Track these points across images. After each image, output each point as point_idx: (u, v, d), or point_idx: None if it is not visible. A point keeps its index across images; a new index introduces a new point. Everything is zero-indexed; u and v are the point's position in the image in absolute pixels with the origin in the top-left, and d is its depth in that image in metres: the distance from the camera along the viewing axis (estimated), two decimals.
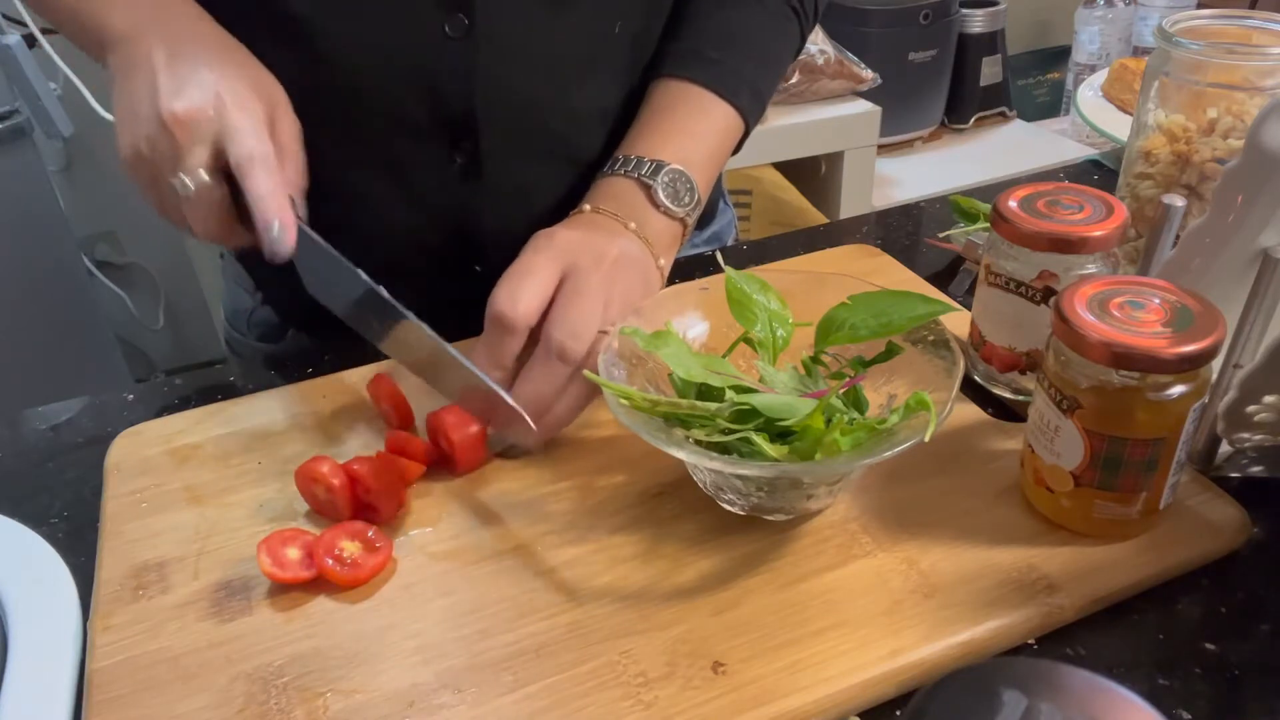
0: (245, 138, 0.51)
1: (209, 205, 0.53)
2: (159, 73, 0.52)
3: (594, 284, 0.53)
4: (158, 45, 0.53)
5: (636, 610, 0.44)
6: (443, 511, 0.51)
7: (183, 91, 0.51)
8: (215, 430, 0.57)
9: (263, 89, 0.54)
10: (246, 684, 0.42)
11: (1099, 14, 1.96)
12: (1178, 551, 0.46)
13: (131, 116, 0.52)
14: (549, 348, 0.51)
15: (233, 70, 0.53)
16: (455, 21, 0.59)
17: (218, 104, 0.51)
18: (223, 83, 0.52)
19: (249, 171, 0.51)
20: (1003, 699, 0.28)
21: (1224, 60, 0.56)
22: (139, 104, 0.52)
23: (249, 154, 0.51)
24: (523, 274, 0.53)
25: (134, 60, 0.53)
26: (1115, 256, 0.52)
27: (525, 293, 0.52)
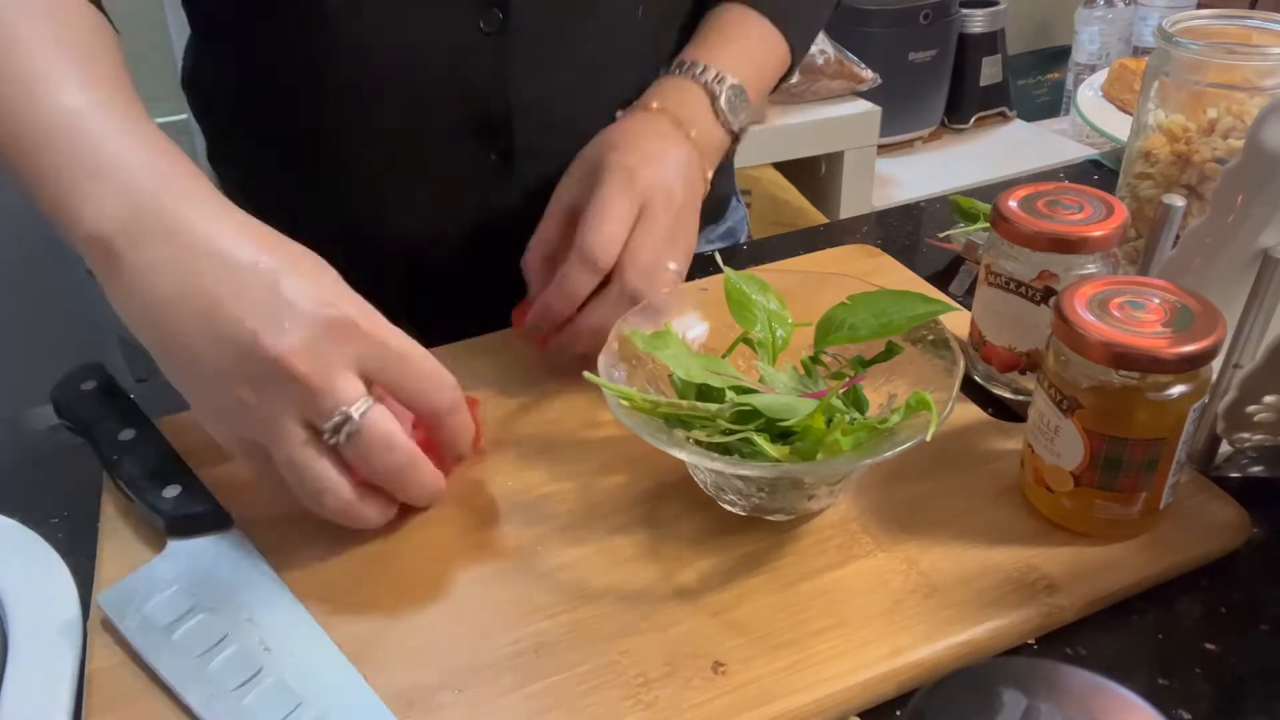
0: (392, 338, 0.43)
1: (394, 439, 0.43)
2: (228, 303, 0.41)
3: (666, 228, 0.55)
4: (186, 254, 0.41)
5: (636, 610, 0.44)
6: (442, 511, 0.51)
7: (282, 319, 0.40)
8: None
9: (339, 279, 0.45)
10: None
11: (1099, 14, 1.96)
12: (1178, 551, 0.46)
13: (213, 370, 0.41)
14: (623, 288, 0.54)
15: (309, 268, 0.43)
16: (490, 17, 0.59)
17: (338, 319, 0.41)
18: (318, 288, 0.42)
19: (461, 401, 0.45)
20: (1003, 699, 0.28)
21: (1224, 60, 0.56)
22: (214, 351, 0.41)
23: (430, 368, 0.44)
24: (608, 215, 0.54)
25: (161, 284, 0.41)
26: (1115, 256, 0.52)
27: (615, 237, 0.54)
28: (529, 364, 0.61)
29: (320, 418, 0.41)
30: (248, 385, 0.41)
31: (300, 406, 0.41)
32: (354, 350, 0.42)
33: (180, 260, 0.41)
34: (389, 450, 0.43)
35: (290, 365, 0.40)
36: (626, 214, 0.54)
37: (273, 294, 0.41)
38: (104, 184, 0.42)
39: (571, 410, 0.57)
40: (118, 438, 0.52)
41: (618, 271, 0.54)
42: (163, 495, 0.49)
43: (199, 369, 0.42)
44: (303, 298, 0.41)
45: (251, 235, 0.43)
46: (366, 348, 0.42)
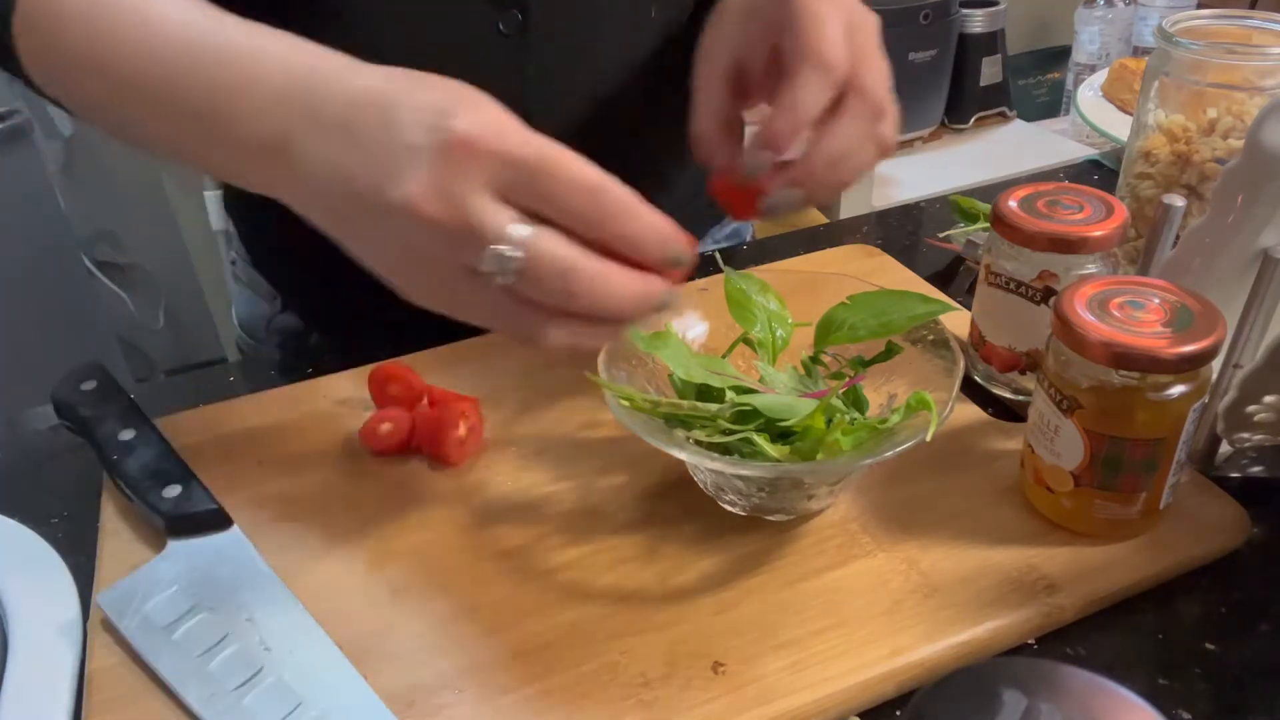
0: (518, 146, 0.37)
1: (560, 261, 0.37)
2: (352, 169, 0.37)
3: (877, 49, 0.49)
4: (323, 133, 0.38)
5: (637, 610, 0.44)
6: (442, 511, 0.51)
7: (398, 166, 0.37)
8: (215, 430, 0.57)
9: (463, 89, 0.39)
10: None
11: (1099, 14, 1.96)
12: (1178, 551, 0.46)
13: (369, 244, 0.39)
14: (864, 96, 0.46)
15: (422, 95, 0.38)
16: (509, 18, 0.59)
17: (452, 144, 0.36)
18: (429, 115, 0.37)
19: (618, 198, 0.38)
20: (1003, 699, 0.28)
21: (1224, 60, 0.56)
22: (362, 222, 0.39)
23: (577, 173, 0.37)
24: (827, 21, 0.46)
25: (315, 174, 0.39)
26: (1115, 256, 0.52)
27: (841, 41, 0.46)
28: (529, 364, 0.61)
29: (474, 260, 0.37)
30: (400, 245, 0.38)
31: (453, 250, 0.37)
32: (482, 174, 0.36)
33: (321, 141, 0.38)
34: (563, 276, 0.37)
35: (418, 211, 0.36)
36: (840, 25, 0.46)
37: (389, 136, 0.37)
38: (250, 95, 0.40)
39: (571, 410, 0.57)
40: (118, 438, 0.52)
41: (853, 82, 0.46)
42: (163, 495, 0.49)
43: (371, 246, 0.40)
44: (412, 128, 0.37)
45: (369, 79, 0.39)
46: (493, 168, 0.36)
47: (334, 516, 0.51)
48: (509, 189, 0.37)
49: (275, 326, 0.78)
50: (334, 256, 0.57)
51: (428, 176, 0.36)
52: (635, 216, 0.38)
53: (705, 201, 0.81)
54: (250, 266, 0.77)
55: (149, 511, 0.49)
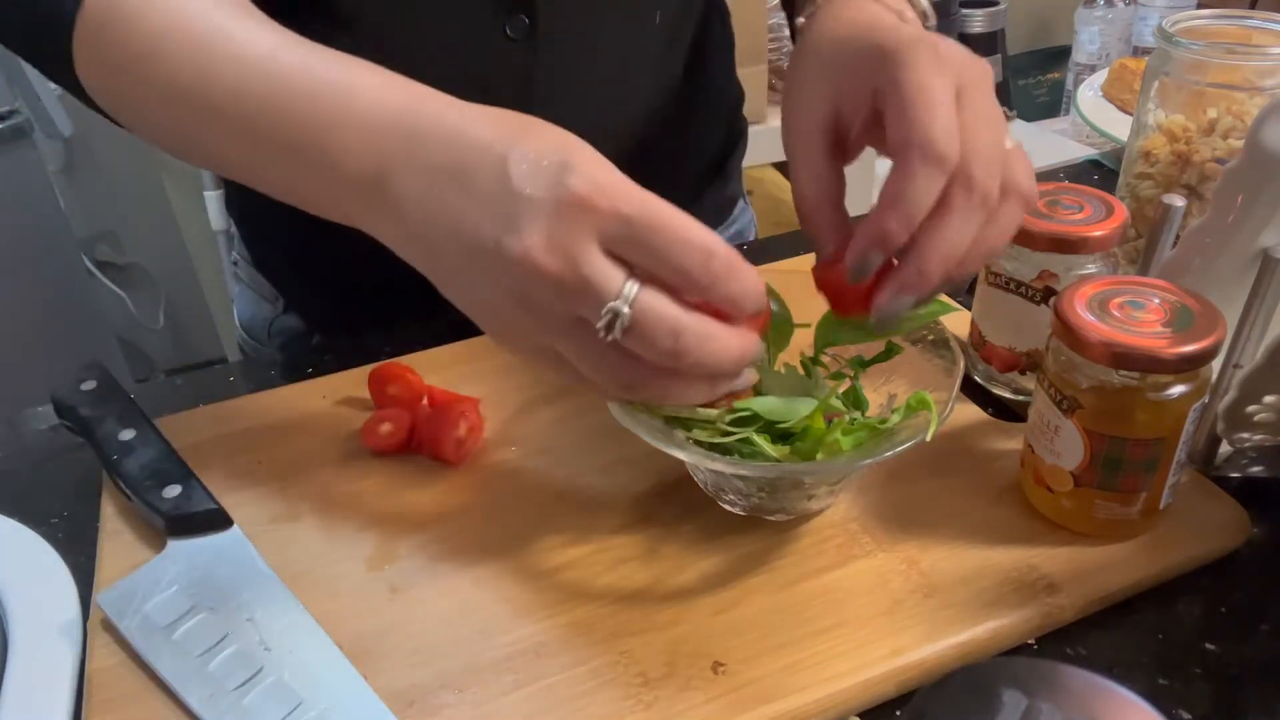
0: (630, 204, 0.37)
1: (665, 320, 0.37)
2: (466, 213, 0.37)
3: (991, 104, 0.43)
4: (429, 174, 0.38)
5: (636, 610, 0.44)
6: (442, 511, 0.51)
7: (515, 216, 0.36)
8: (215, 430, 0.57)
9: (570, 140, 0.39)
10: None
11: (1099, 14, 1.96)
12: (1178, 551, 0.46)
13: (476, 289, 0.39)
14: (971, 189, 0.41)
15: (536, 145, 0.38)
16: (517, 23, 0.59)
17: (568, 199, 0.36)
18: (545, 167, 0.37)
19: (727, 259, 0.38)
20: (1003, 699, 0.28)
21: (1224, 60, 0.56)
22: (469, 268, 0.38)
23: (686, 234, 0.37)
24: (936, 101, 0.41)
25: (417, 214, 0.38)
26: (1115, 256, 0.52)
27: (953, 125, 0.41)
28: (529, 364, 0.61)
29: (587, 313, 0.37)
30: (511, 295, 0.38)
31: (567, 304, 0.37)
32: (595, 230, 0.36)
33: (425, 182, 0.39)
34: (673, 336, 0.37)
35: (537, 265, 0.36)
36: (950, 98, 0.42)
37: (502, 187, 0.37)
38: (345, 129, 0.40)
39: (572, 410, 0.57)
40: (118, 438, 0.52)
41: (960, 170, 0.41)
42: (163, 495, 0.49)
43: (471, 289, 0.39)
44: (530, 182, 0.37)
45: (477, 124, 0.39)
46: (607, 224, 0.36)
47: (334, 516, 0.51)
48: (619, 244, 0.37)
49: (277, 328, 0.78)
50: (336, 258, 0.57)
51: (545, 230, 0.36)
52: (741, 277, 0.38)
53: (706, 203, 0.81)
54: (252, 267, 0.77)
55: (149, 511, 0.49)
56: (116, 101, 0.45)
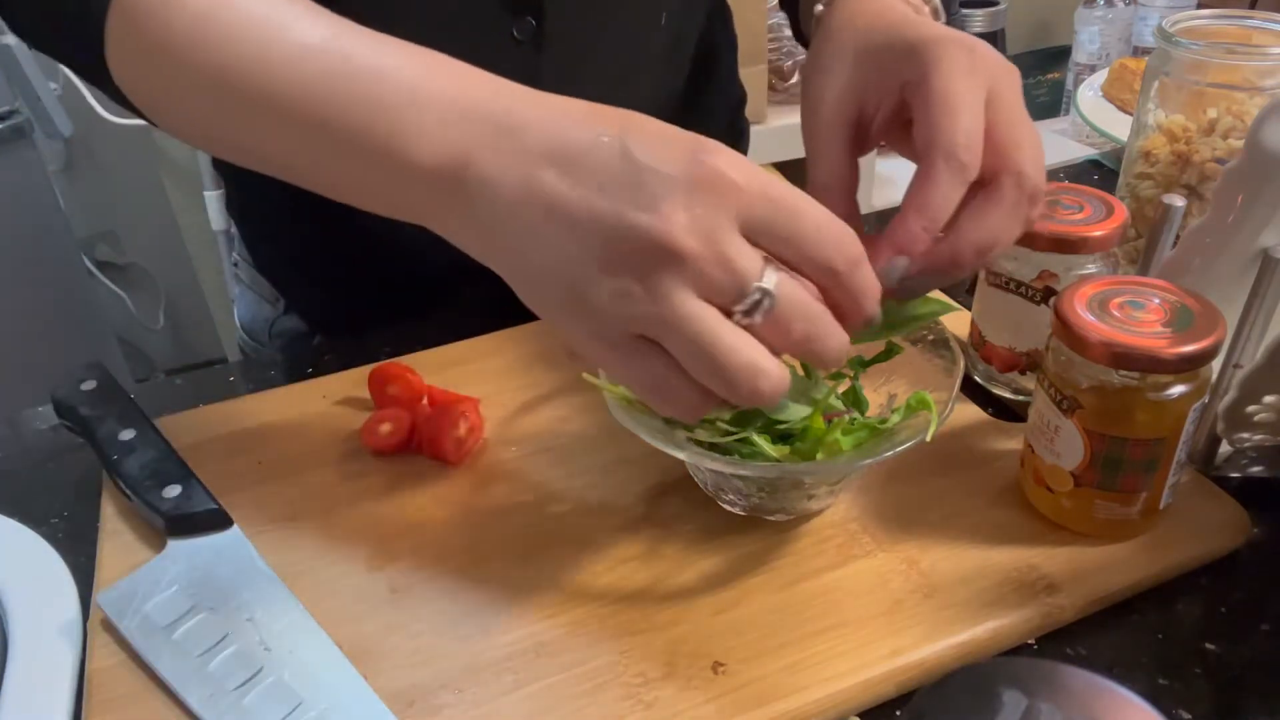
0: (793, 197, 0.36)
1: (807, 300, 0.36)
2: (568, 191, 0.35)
3: (1021, 107, 0.44)
4: (524, 159, 0.36)
5: (636, 610, 0.44)
6: (442, 511, 0.51)
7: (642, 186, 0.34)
8: (215, 430, 0.57)
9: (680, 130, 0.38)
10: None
11: (1099, 14, 1.96)
12: (1178, 551, 0.46)
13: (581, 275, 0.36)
14: (1023, 184, 0.42)
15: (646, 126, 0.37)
16: (524, 25, 0.59)
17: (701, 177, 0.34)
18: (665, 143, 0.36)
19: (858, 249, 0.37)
20: (1003, 699, 0.28)
21: (1224, 60, 0.56)
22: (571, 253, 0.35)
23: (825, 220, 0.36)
24: (963, 105, 0.42)
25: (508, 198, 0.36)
26: (1115, 256, 0.52)
27: (978, 130, 0.42)
28: (529, 364, 0.61)
29: (725, 298, 0.35)
30: (628, 273, 0.35)
31: (699, 286, 0.35)
32: (736, 211, 0.35)
33: (517, 164, 0.36)
34: (810, 320, 0.36)
35: (676, 244, 0.34)
36: (978, 102, 0.42)
37: (624, 163, 0.35)
38: (421, 110, 0.37)
39: (572, 410, 0.57)
40: (118, 438, 0.52)
41: (1009, 166, 0.42)
42: (163, 495, 0.49)
43: (560, 274, 0.36)
44: (663, 159, 0.35)
45: (578, 111, 0.37)
46: (751, 205, 0.35)
47: (334, 516, 0.51)
48: (754, 228, 0.35)
49: (278, 329, 0.78)
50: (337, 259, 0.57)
51: (684, 205, 0.34)
52: (866, 273, 0.38)
53: None
54: (253, 269, 0.77)
55: (149, 511, 0.49)
56: (152, 93, 0.43)
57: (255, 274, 0.77)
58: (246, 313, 0.80)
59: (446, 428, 0.53)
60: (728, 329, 0.35)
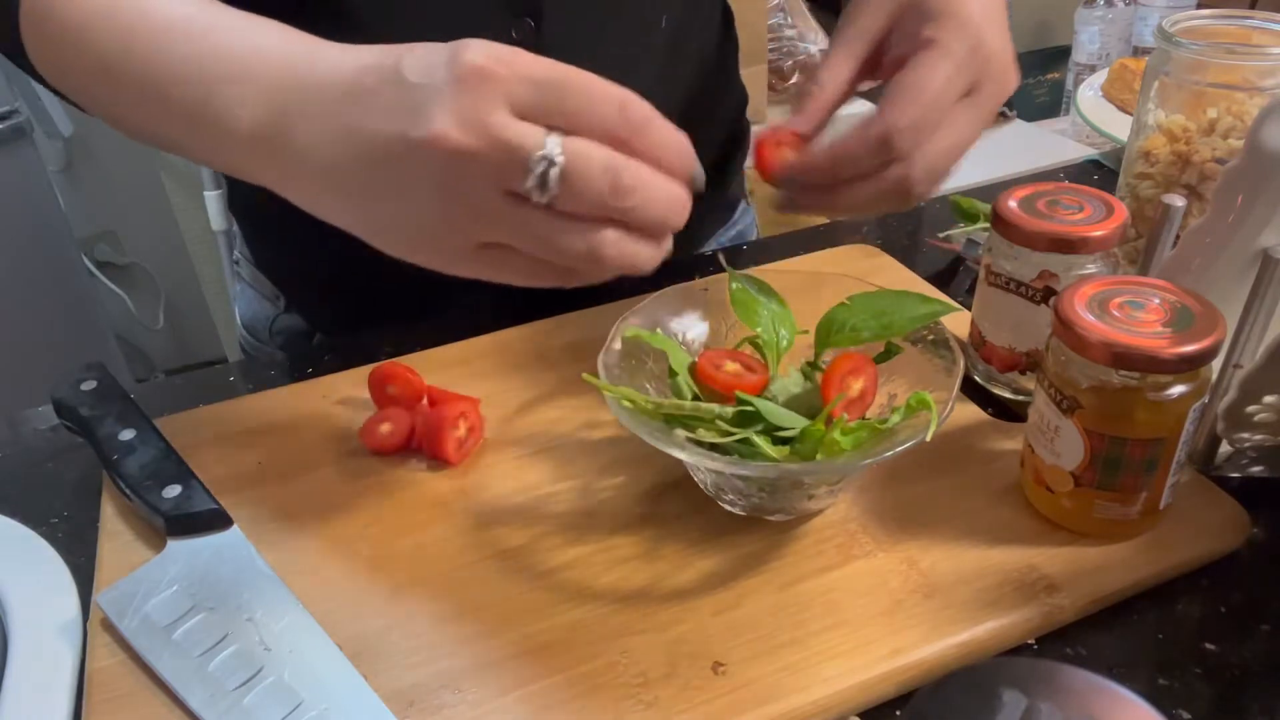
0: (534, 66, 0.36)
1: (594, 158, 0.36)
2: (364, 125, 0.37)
3: (983, 121, 0.46)
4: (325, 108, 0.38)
5: (636, 610, 0.44)
6: (442, 511, 0.51)
7: (419, 107, 0.36)
8: (215, 430, 0.57)
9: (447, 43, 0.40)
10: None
11: (1099, 14, 1.96)
12: (1178, 551, 0.46)
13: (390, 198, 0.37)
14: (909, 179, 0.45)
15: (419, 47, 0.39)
16: (522, 26, 0.59)
17: (466, 72, 0.36)
18: (431, 56, 0.37)
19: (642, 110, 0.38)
20: (1003, 699, 0.28)
21: (1224, 60, 0.56)
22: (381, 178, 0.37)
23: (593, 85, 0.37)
24: (928, 97, 0.44)
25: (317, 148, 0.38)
26: (1115, 256, 0.52)
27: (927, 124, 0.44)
28: (529, 364, 0.61)
29: (517, 180, 0.36)
30: (432, 191, 0.36)
31: (491, 180, 0.36)
32: (503, 96, 0.36)
33: (324, 118, 0.38)
34: (611, 174, 0.36)
35: (451, 144, 0.35)
36: (951, 95, 0.45)
37: (398, 87, 0.37)
38: (241, 84, 0.40)
39: (571, 410, 0.57)
40: (118, 438, 0.52)
41: (903, 158, 0.45)
42: (163, 495, 0.49)
43: (391, 210, 0.38)
44: (424, 72, 0.36)
45: (367, 55, 0.39)
46: (513, 90, 0.36)
47: (334, 516, 0.51)
48: (530, 109, 0.36)
49: (278, 327, 0.78)
50: (337, 257, 0.57)
51: (451, 108, 0.35)
52: (660, 128, 0.38)
53: (708, 205, 0.81)
54: (254, 267, 0.77)
55: (149, 511, 0.49)
56: (62, 81, 0.46)
57: (256, 272, 0.77)
58: (247, 310, 0.80)
59: (446, 428, 0.53)
60: (539, 216, 0.36)
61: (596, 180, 0.36)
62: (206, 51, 0.41)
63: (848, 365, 0.47)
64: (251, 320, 0.80)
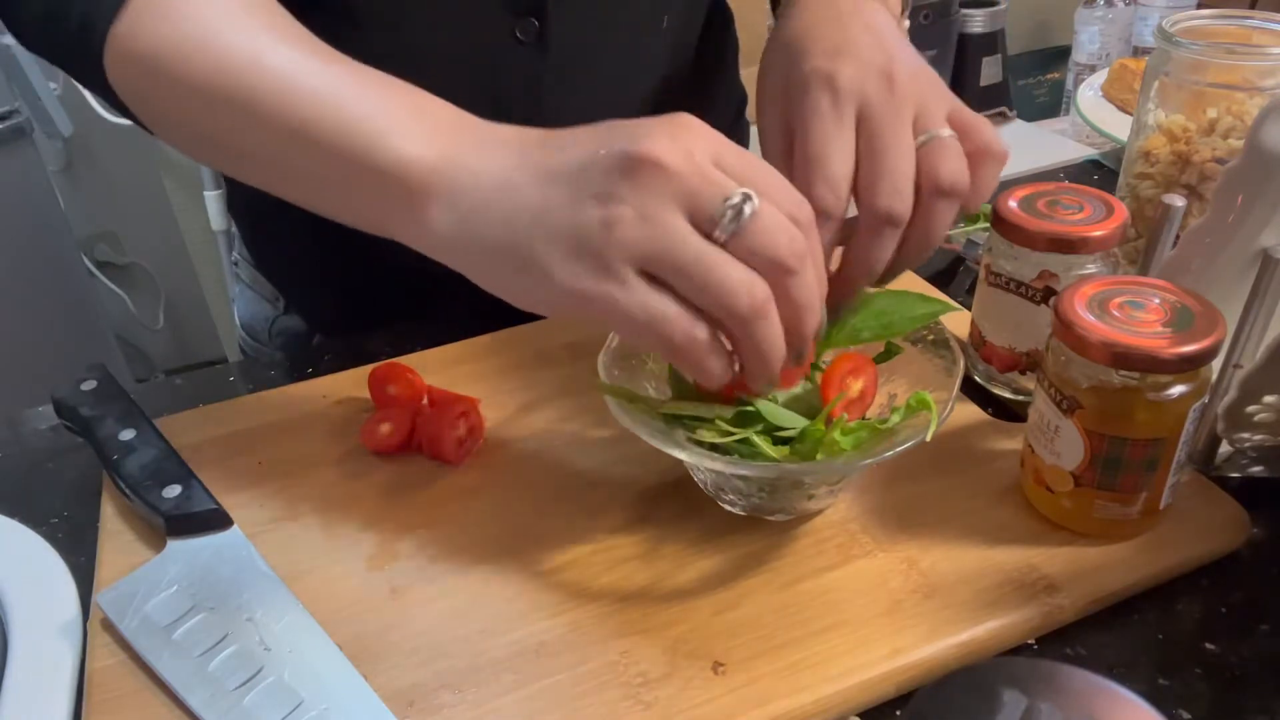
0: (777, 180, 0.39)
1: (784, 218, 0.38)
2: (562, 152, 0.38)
3: (896, 128, 0.45)
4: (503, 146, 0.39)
5: (636, 610, 0.44)
6: (442, 511, 0.51)
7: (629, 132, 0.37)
8: (215, 430, 0.57)
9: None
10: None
11: (1099, 14, 1.96)
12: (1178, 551, 0.46)
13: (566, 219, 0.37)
14: (877, 217, 0.44)
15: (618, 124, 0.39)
16: (526, 26, 0.59)
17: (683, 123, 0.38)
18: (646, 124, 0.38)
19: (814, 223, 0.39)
20: (1003, 699, 0.28)
21: (1224, 60, 0.56)
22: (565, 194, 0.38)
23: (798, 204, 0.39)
24: (829, 148, 0.44)
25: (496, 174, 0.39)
26: (1115, 256, 0.52)
27: (844, 175, 0.44)
28: (529, 364, 0.61)
29: (709, 207, 0.37)
30: (617, 195, 0.37)
31: (683, 200, 0.37)
32: (706, 145, 0.38)
33: (501, 156, 0.39)
34: (793, 234, 0.38)
35: (658, 156, 0.36)
36: (843, 133, 0.44)
37: (604, 128, 0.39)
38: (419, 120, 0.41)
39: (571, 410, 0.57)
40: (118, 438, 0.52)
41: (863, 201, 0.44)
42: (163, 495, 0.49)
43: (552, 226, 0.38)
44: (635, 123, 0.38)
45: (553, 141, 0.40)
46: (718, 147, 0.38)
47: (334, 516, 0.51)
48: (729, 167, 0.38)
49: (278, 328, 0.78)
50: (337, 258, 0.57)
51: (665, 134, 0.37)
52: (819, 239, 0.40)
53: None
54: (253, 268, 0.77)
55: (149, 511, 0.49)
56: (155, 111, 0.46)
57: (255, 273, 0.77)
58: (246, 312, 0.80)
59: (446, 428, 0.53)
60: (710, 248, 0.37)
61: (781, 233, 0.37)
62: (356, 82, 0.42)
63: (848, 365, 0.47)
64: (251, 321, 0.79)
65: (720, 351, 0.39)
